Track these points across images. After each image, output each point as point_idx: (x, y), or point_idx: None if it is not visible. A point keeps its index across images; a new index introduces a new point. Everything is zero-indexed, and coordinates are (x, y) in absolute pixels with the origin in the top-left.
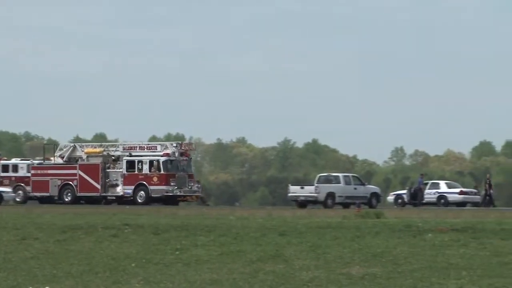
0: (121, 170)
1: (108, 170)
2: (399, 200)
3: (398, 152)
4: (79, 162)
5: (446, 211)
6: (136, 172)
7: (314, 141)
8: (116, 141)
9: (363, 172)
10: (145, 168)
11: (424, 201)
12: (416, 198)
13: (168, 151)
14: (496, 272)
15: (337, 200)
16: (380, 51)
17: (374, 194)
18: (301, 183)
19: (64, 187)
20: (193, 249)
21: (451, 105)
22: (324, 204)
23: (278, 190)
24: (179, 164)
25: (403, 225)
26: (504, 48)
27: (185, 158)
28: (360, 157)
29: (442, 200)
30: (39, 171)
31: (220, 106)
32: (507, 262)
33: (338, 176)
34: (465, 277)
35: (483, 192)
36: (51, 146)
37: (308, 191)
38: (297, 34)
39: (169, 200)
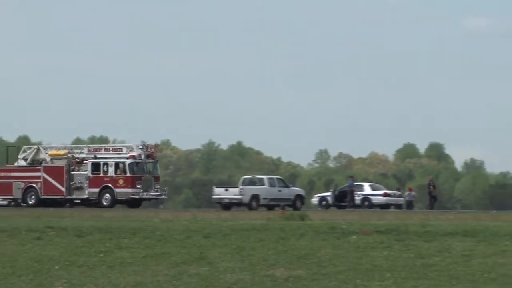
0: (86, 172)
1: (72, 172)
2: (323, 202)
3: (322, 155)
4: (43, 164)
5: (370, 213)
6: (102, 174)
7: (239, 143)
8: (39, 143)
9: (288, 174)
10: (111, 171)
11: (355, 203)
12: (341, 200)
13: (134, 153)
14: (420, 274)
15: (262, 202)
16: (304, 53)
17: (298, 196)
18: (226, 185)
19: (27, 190)
20: (117, 252)
21: (375, 107)
22: (248, 206)
23: (203, 192)
24: (145, 167)
25: (328, 227)
26: (425, 49)
27: (151, 160)
28: (285, 159)
29: (366, 202)
30: (2, 174)
31: (144, 107)
32: (431, 264)
33: (262, 178)
34: (389, 279)
35: (434, 194)
36: (15, 148)
37: (232, 193)
38: (222, 34)
39: (133, 203)
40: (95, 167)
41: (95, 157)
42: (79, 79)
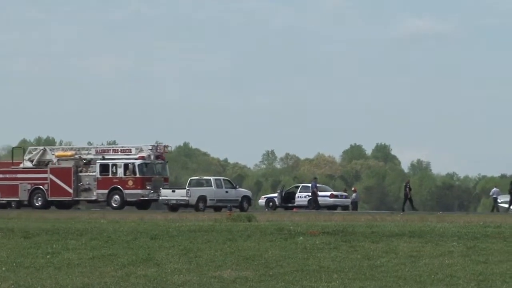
0: (94, 173)
1: (80, 173)
2: (270, 203)
3: (269, 156)
4: (50, 165)
5: (317, 214)
6: (110, 175)
7: (185, 145)
8: None
9: (235, 175)
10: (120, 172)
11: (318, 205)
12: (288, 201)
13: (144, 154)
14: (367, 275)
15: (209, 203)
16: (247, 55)
17: (245, 198)
18: (172, 186)
19: (34, 192)
20: (65, 253)
21: (322, 108)
22: (195, 207)
23: None
24: (155, 167)
25: (275, 228)
26: (370, 51)
27: (160, 161)
28: (231, 160)
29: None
30: (7, 175)
31: (90, 109)
32: (377, 265)
33: (209, 179)
34: (336, 280)
35: (414, 196)
36: (20, 149)
37: (179, 194)
38: (163, 35)
39: (142, 204)
40: (104, 168)
41: (103, 158)
42: (24, 81)
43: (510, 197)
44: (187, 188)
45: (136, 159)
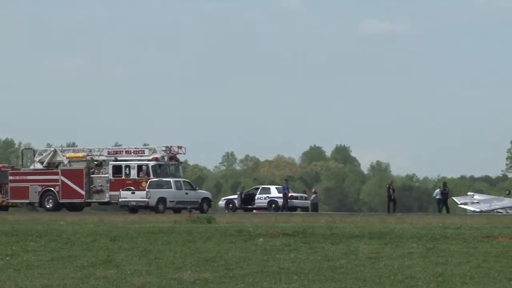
0: (106, 175)
1: (92, 175)
2: (230, 205)
3: (229, 157)
4: (61, 167)
5: (277, 216)
6: (124, 177)
7: (145, 145)
8: None
9: (194, 177)
10: (133, 173)
11: (287, 206)
12: (247, 203)
13: (157, 155)
14: (327, 277)
15: (168, 205)
16: (204, 54)
17: (205, 199)
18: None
19: (45, 194)
20: (24, 255)
21: (282, 110)
22: (155, 209)
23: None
24: (168, 169)
25: (235, 230)
26: (328, 52)
27: (174, 162)
28: (191, 162)
29: (273, 205)
30: (17, 177)
31: (49, 110)
32: (337, 266)
33: (169, 181)
34: (296, 281)
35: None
36: (30, 151)
37: (139, 196)
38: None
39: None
40: (117, 169)
41: (116, 160)
42: None
43: (442, 199)
44: (147, 190)
45: (149, 160)
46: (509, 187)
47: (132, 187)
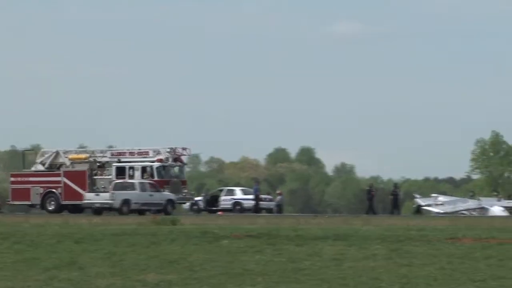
0: (110, 177)
1: (95, 177)
2: (195, 207)
3: (194, 159)
4: (63, 168)
5: (241, 217)
6: (127, 178)
7: (110, 147)
8: None
9: None
10: (137, 175)
11: (259, 208)
12: (212, 204)
13: (161, 156)
14: (291, 278)
15: (133, 206)
16: (174, 57)
17: (169, 201)
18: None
19: (47, 195)
20: None
21: (246, 111)
22: (119, 211)
23: None
24: (173, 170)
25: (199, 231)
26: (295, 53)
27: (178, 163)
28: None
29: (238, 206)
30: (19, 179)
31: (13, 111)
32: (302, 268)
33: (133, 183)
34: (260, 283)
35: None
36: (32, 152)
37: (103, 198)
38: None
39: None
40: (120, 171)
41: (119, 161)
42: None
43: (368, 203)
44: (112, 192)
45: (154, 161)
46: (473, 188)
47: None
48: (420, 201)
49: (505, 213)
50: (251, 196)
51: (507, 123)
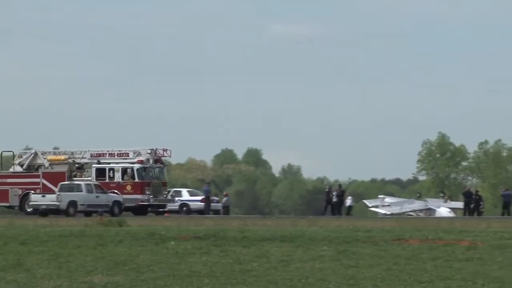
0: (89, 178)
1: (74, 178)
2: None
3: None
4: (42, 170)
5: (188, 219)
6: (107, 180)
7: (55, 149)
8: None
9: None
10: (118, 176)
11: (210, 210)
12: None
13: (142, 158)
14: (238, 280)
15: (79, 208)
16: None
17: (116, 202)
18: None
19: (25, 197)
20: None
21: (192, 112)
22: (66, 212)
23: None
24: (153, 172)
25: (146, 233)
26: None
27: (159, 165)
28: None
29: (184, 208)
30: None
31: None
32: (249, 270)
33: (80, 184)
34: (207, 284)
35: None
36: (10, 153)
37: (49, 199)
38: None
39: (139, 209)
40: (100, 172)
41: (99, 162)
42: None
43: (326, 203)
44: (58, 193)
45: (134, 163)
46: (419, 189)
47: (116, 191)
48: (367, 202)
49: (452, 214)
50: (198, 198)
51: (453, 124)
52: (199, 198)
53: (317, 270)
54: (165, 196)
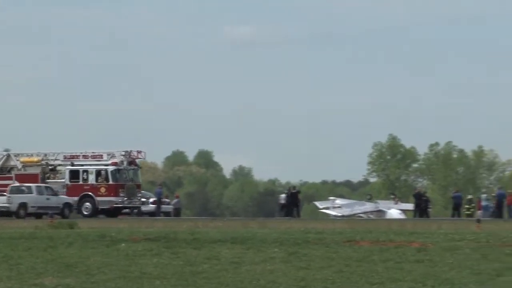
0: (63, 180)
1: (48, 180)
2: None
3: None
4: (15, 171)
5: (139, 221)
6: (81, 182)
7: (6, 151)
8: None
9: None
10: (92, 178)
11: (160, 211)
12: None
13: (116, 160)
14: (189, 281)
15: (30, 210)
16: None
17: (66, 204)
18: None
19: None
20: None
21: (143, 114)
22: (16, 214)
23: None
24: (127, 174)
25: (97, 235)
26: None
27: (133, 167)
28: None
29: (135, 210)
30: None
31: None
32: (200, 271)
33: (30, 186)
34: (158, 286)
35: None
36: None
37: (0, 201)
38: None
39: (113, 211)
40: (74, 174)
41: (73, 164)
42: None
43: (281, 206)
44: (8, 195)
45: (108, 165)
46: (370, 191)
47: (90, 193)
48: (318, 204)
49: (402, 216)
50: (150, 200)
51: (404, 126)
52: (150, 200)
53: (268, 272)
54: (139, 198)
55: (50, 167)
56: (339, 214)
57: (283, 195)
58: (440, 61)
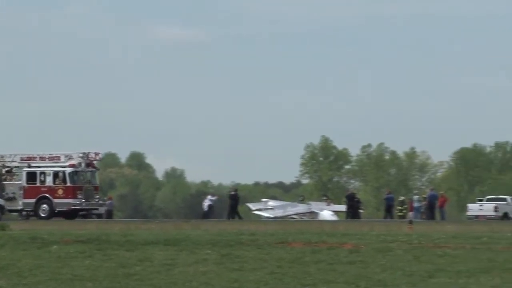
0: (20, 182)
1: (4, 182)
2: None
3: None
4: None
5: (71, 223)
6: (38, 184)
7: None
8: None
9: None
10: (49, 180)
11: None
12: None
13: (74, 161)
14: (122, 284)
15: None
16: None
17: None
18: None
19: None
20: None
21: (75, 115)
22: None
23: None
24: (85, 176)
25: (28, 237)
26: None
27: (91, 169)
28: None
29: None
30: None
31: None
32: (132, 273)
33: None
34: None
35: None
36: None
37: None
38: None
39: (70, 214)
40: (31, 176)
41: (29, 166)
42: None
43: (229, 208)
44: None
45: (65, 167)
46: (302, 193)
47: (47, 195)
48: (250, 205)
49: (335, 217)
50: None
51: (336, 128)
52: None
53: (200, 274)
54: (97, 200)
55: (6, 169)
56: (272, 216)
57: (207, 200)
58: (371, 62)
